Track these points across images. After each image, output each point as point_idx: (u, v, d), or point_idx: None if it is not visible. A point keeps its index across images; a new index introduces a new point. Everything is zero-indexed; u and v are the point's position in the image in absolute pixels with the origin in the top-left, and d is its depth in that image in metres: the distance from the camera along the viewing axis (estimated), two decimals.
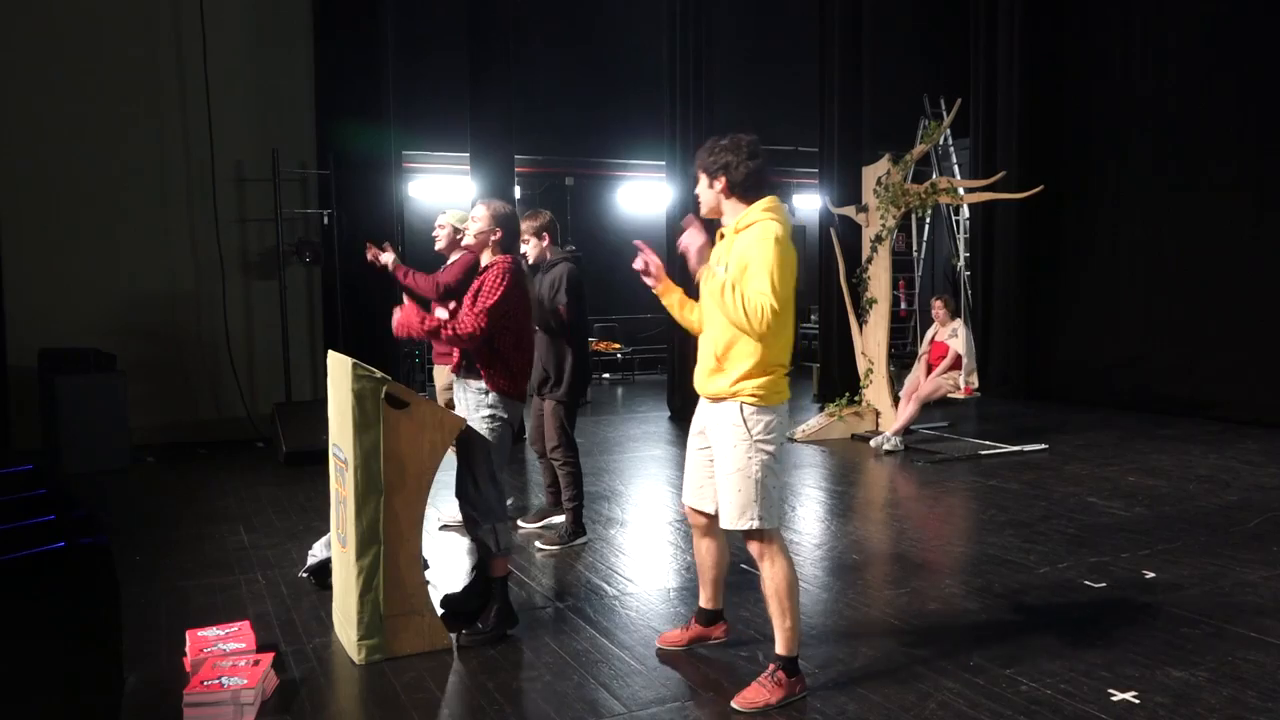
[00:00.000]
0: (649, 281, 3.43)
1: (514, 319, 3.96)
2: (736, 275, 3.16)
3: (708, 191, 3.33)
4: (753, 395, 3.22)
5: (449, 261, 5.51)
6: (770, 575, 3.28)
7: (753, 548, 3.31)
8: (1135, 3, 10.00)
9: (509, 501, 4.63)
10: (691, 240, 3.18)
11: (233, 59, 8.65)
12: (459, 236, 5.17)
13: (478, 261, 4.24)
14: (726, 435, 3.26)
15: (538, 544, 5.25)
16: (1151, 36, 9.87)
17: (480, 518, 3.90)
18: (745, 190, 3.27)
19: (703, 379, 3.36)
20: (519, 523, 5.59)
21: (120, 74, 8.35)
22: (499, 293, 3.87)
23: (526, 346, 4.09)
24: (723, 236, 3.36)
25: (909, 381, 8.32)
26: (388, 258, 5.58)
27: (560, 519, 5.47)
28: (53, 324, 7.91)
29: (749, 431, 3.22)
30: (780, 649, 3.29)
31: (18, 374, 8.00)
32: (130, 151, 8.38)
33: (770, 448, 3.24)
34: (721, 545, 3.64)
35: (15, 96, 8.04)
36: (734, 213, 3.30)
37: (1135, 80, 10.02)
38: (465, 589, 4.16)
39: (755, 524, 3.23)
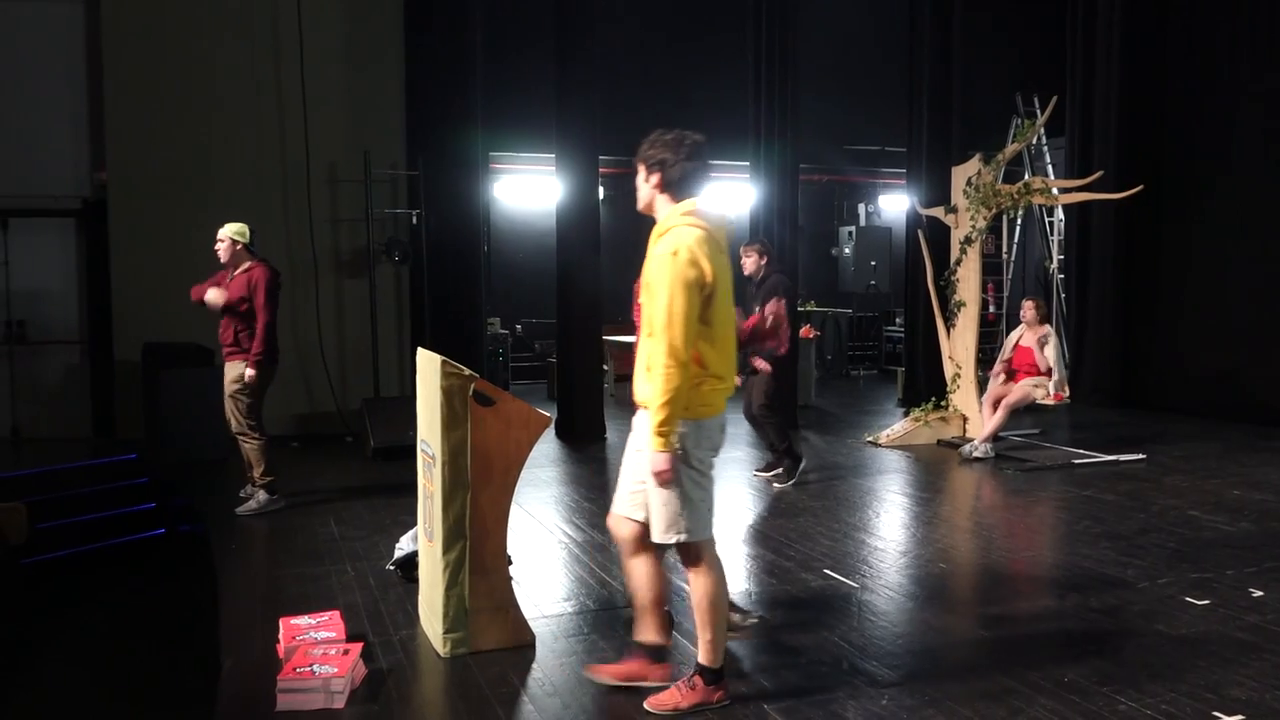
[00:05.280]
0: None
1: None
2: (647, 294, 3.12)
3: (643, 186, 3.26)
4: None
5: (232, 275, 6.04)
6: (694, 587, 3.24)
7: (682, 559, 3.27)
8: None
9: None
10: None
11: (327, 64, 8.88)
12: (239, 247, 6.00)
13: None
14: (649, 445, 3.13)
15: (774, 484, 6.77)
16: (1261, 27, 9.42)
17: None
18: (677, 190, 3.19)
19: (636, 385, 3.26)
20: (755, 473, 7.07)
21: (221, 80, 8.66)
22: None
23: None
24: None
25: (992, 388, 8.07)
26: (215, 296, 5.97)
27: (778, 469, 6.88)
28: (156, 320, 8.23)
29: None
30: (700, 658, 3.26)
31: (123, 367, 8.37)
32: (230, 155, 8.67)
33: (694, 460, 3.14)
34: (655, 564, 3.37)
35: (126, 105, 8.40)
36: (664, 210, 3.22)
37: (1243, 74, 9.57)
38: None
39: (682, 537, 3.16)
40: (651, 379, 3.06)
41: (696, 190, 3.20)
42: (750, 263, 6.71)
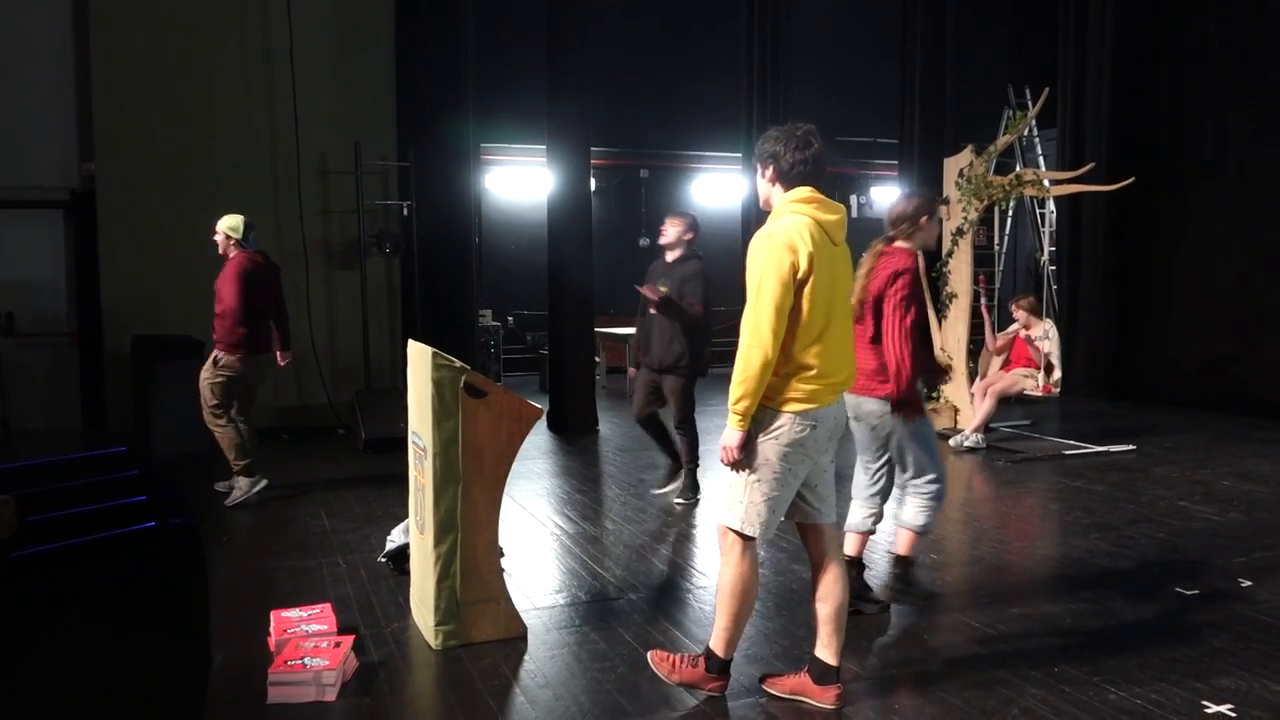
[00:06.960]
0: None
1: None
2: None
3: (761, 182, 3.24)
4: (764, 395, 3.07)
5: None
6: (722, 572, 3.18)
7: (719, 540, 3.20)
8: None
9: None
10: None
11: (318, 54, 8.83)
12: (231, 242, 6.02)
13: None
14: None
15: (677, 501, 6.03)
16: (1252, 20, 9.43)
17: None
18: (788, 180, 3.14)
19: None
20: (651, 490, 6.33)
21: (211, 70, 8.60)
22: None
23: None
24: None
25: (983, 376, 8.11)
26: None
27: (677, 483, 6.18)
28: (145, 312, 8.19)
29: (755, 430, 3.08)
30: (710, 641, 3.24)
31: (112, 360, 8.34)
32: (219, 146, 8.61)
33: (772, 453, 3.04)
34: (825, 570, 3.23)
35: (115, 96, 8.34)
36: (776, 200, 3.19)
37: (1234, 67, 9.59)
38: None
39: (733, 525, 3.11)
40: (737, 356, 3.02)
41: (810, 180, 3.13)
42: (672, 233, 5.87)
